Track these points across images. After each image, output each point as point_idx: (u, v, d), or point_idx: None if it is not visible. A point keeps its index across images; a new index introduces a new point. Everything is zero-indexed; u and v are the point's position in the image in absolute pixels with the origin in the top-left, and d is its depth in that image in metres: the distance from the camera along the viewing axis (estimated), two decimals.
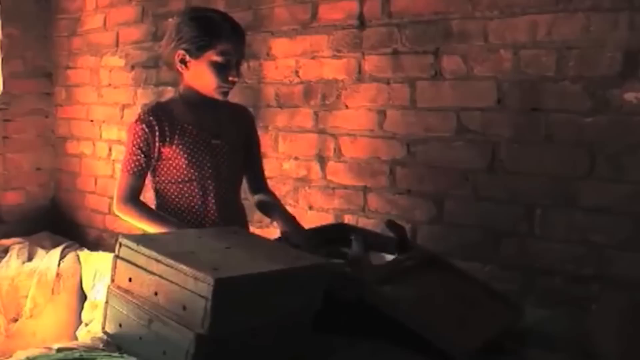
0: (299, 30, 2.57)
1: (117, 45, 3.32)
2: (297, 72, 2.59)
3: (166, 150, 1.78)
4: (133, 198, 1.77)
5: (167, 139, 1.77)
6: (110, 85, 3.38)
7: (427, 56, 2.23)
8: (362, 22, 2.39)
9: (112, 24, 3.34)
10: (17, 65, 3.56)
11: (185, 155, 1.78)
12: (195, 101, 1.81)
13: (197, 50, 1.73)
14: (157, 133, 1.76)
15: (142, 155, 1.77)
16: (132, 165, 1.77)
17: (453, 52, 2.17)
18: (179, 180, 1.80)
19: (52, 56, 3.69)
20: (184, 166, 1.79)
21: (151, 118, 1.76)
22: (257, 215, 2.69)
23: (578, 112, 1.94)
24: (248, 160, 1.96)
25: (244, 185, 1.99)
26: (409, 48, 2.28)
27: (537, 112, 2.02)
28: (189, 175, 1.80)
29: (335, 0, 2.46)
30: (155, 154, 1.78)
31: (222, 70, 1.73)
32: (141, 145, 1.76)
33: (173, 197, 1.81)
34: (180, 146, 1.78)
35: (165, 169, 1.80)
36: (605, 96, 1.89)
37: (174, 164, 1.79)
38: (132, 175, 1.78)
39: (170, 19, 3.03)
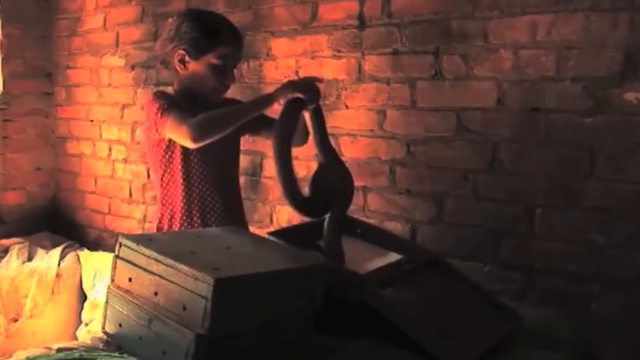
0: (299, 30, 2.57)
1: (117, 45, 3.32)
2: (297, 72, 2.59)
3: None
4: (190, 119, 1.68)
5: None
6: (110, 85, 3.38)
7: (427, 56, 2.23)
8: (362, 22, 2.39)
9: (112, 24, 3.34)
10: (17, 65, 3.56)
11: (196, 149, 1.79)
12: (192, 99, 1.83)
13: (197, 51, 1.75)
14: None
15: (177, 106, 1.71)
16: (172, 109, 1.70)
17: (453, 52, 2.17)
18: (188, 172, 1.82)
19: (52, 56, 3.69)
20: (195, 159, 1.81)
21: (172, 95, 1.79)
22: (257, 215, 2.70)
23: (578, 112, 1.94)
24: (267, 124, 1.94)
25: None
26: (409, 48, 2.28)
27: (537, 112, 2.02)
28: (199, 168, 1.82)
29: (335, 0, 2.46)
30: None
31: (219, 73, 1.77)
32: (172, 102, 1.73)
33: (181, 189, 1.83)
34: None
35: (173, 161, 1.81)
36: (605, 96, 1.89)
37: (182, 156, 1.80)
38: (175, 110, 1.69)
39: (170, 19, 3.03)
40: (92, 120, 3.51)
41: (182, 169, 1.83)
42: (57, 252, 3.25)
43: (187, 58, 1.77)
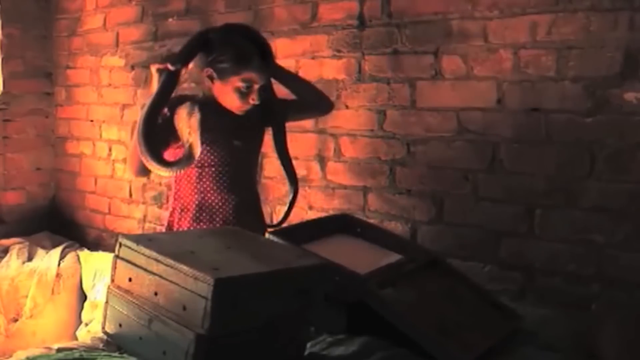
0: (299, 30, 2.57)
1: (117, 45, 3.32)
2: (297, 72, 2.58)
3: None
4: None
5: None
6: (110, 85, 3.38)
7: (427, 56, 2.23)
8: (362, 22, 2.39)
9: (112, 24, 3.34)
10: (17, 65, 3.56)
11: (208, 149, 1.86)
12: (217, 106, 1.89)
13: (223, 73, 1.84)
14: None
15: None
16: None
17: (453, 52, 2.17)
18: (201, 172, 1.87)
19: (52, 56, 3.69)
20: (209, 160, 1.87)
21: (197, 99, 1.89)
22: None
23: (578, 112, 1.94)
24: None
25: None
26: (409, 48, 2.28)
27: (537, 112, 2.02)
28: (212, 169, 1.87)
29: (335, 0, 2.46)
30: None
31: (244, 95, 1.85)
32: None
33: (194, 186, 1.88)
34: (202, 138, 1.83)
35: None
36: (605, 96, 1.89)
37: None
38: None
39: (170, 19, 3.03)
40: (92, 120, 3.51)
41: (196, 168, 1.88)
42: (57, 252, 3.25)
43: (215, 76, 1.85)
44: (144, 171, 1.81)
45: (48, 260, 3.20)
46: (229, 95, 1.86)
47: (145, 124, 1.70)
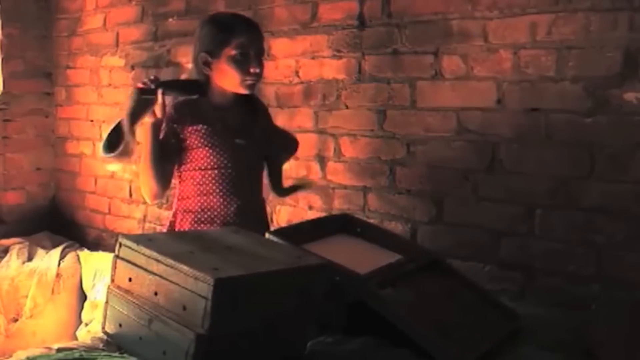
0: (299, 30, 2.57)
1: (117, 45, 3.32)
2: (297, 72, 2.59)
3: (191, 140, 1.85)
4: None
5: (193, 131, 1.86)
6: (110, 85, 3.38)
7: (427, 56, 2.23)
8: (362, 22, 2.39)
9: (112, 24, 3.34)
10: (17, 65, 3.56)
11: (210, 151, 1.85)
12: (221, 101, 1.88)
13: (215, 49, 1.82)
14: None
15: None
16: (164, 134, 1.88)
17: (453, 52, 2.17)
18: (204, 175, 1.86)
19: (52, 56, 3.69)
20: (211, 162, 1.86)
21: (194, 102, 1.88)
22: None
23: (578, 112, 1.94)
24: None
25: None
26: (409, 48, 2.28)
27: (537, 112, 2.02)
28: (212, 172, 1.86)
29: (335, 0, 2.46)
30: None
31: (241, 63, 1.81)
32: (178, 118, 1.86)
33: (196, 188, 1.88)
34: (204, 141, 1.84)
35: (192, 162, 1.86)
36: (605, 96, 1.89)
37: (198, 158, 1.86)
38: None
39: (170, 19, 3.03)
40: (92, 120, 3.51)
41: (198, 170, 1.87)
42: (57, 252, 3.25)
43: (209, 59, 1.82)
44: (160, 194, 1.84)
45: (48, 260, 3.20)
46: (228, 72, 1.82)
47: (110, 133, 1.86)
